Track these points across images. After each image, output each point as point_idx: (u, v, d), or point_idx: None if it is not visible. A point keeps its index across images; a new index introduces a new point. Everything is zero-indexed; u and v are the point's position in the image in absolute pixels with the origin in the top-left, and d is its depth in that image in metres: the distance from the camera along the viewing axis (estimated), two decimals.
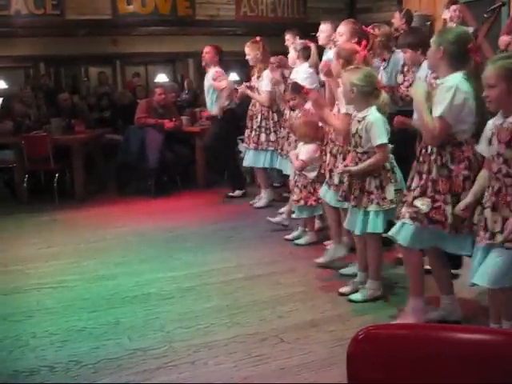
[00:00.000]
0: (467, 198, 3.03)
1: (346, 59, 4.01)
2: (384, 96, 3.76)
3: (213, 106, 7.13)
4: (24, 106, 8.39)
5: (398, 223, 3.31)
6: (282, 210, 5.88)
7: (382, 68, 4.84)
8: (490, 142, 2.89)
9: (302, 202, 5.01)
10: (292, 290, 4.14)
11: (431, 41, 3.26)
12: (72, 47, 12.45)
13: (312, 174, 4.94)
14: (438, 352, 1.36)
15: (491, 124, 2.90)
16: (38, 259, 5.06)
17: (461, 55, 3.13)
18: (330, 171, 4.31)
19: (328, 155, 4.43)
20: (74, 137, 7.42)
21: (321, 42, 5.54)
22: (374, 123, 3.64)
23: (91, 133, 7.84)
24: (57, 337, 3.51)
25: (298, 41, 5.98)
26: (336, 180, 4.10)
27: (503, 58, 2.87)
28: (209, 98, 7.19)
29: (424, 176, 3.19)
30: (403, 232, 3.26)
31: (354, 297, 3.92)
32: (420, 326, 1.80)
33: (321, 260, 4.58)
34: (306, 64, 5.70)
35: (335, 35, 4.79)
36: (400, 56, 4.72)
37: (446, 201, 3.11)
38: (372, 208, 3.70)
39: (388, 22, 6.13)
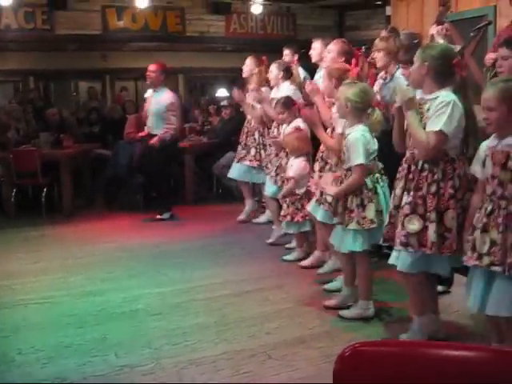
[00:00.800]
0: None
1: (339, 78, 4.04)
2: (377, 113, 3.78)
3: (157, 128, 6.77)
4: (12, 119, 8.37)
5: (394, 252, 3.30)
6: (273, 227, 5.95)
7: (381, 81, 4.76)
8: (483, 164, 2.90)
9: (288, 218, 5.05)
10: (280, 307, 4.13)
11: (415, 57, 3.25)
12: (62, 62, 12.46)
13: (301, 191, 4.97)
14: (425, 369, 1.37)
15: (485, 146, 2.91)
16: (25, 274, 5.03)
17: (446, 71, 3.14)
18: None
19: (317, 172, 4.45)
20: (62, 151, 7.40)
21: (314, 59, 5.61)
22: (353, 143, 3.65)
23: (79, 147, 7.83)
24: (43, 353, 3.48)
25: (282, 60, 6.04)
26: (329, 198, 4.10)
27: (504, 81, 2.88)
28: (154, 120, 6.82)
29: (412, 193, 3.18)
30: (400, 259, 3.25)
31: (343, 313, 3.91)
32: (407, 343, 1.81)
33: (304, 263, 4.71)
34: (288, 82, 5.76)
35: (325, 52, 4.84)
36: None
37: (431, 219, 3.11)
38: (352, 226, 3.70)
39: (375, 39, 6.18)
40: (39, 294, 4.52)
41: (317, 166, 4.50)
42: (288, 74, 5.75)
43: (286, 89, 5.70)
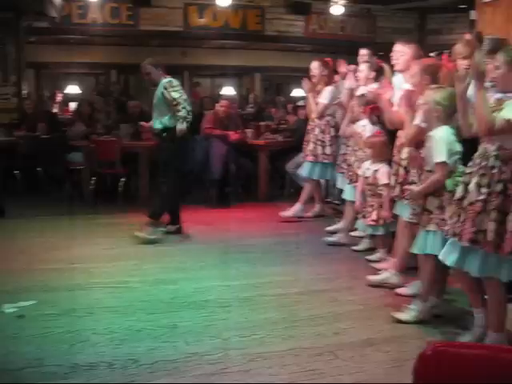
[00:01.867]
0: None
1: (433, 75, 3.95)
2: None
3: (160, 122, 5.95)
4: (94, 111, 8.69)
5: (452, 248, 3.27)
6: (334, 228, 5.95)
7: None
8: None
9: (381, 222, 4.98)
10: (349, 308, 4.11)
11: (500, 61, 3.17)
12: (143, 57, 12.68)
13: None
14: (506, 374, 1.34)
15: None
16: (101, 259, 5.21)
17: None
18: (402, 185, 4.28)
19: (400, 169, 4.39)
20: (141, 143, 7.60)
21: (398, 66, 5.50)
22: (437, 141, 3.58)
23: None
24: (116, 335, 3.60)
25: (374, 60, 5.97)
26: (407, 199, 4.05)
27: None
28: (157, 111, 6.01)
29: (483, 190, 3.13)
30: (468, 260, 3.21)
31: (400, 316, 3.85)
32: (487, 347, 1.77)
33: (372, 279, 4.54)
34: (375, 84, 5.69)
35: (397, 53, 4.76)
36: None
37: (491, 217, 3.06)
38: (431, 228, 3.65)
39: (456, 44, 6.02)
40: (114, 278, 4.67)
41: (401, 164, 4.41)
42: (379, 74, 5.69)
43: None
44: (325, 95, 6.47)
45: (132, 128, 7.83)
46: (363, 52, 6.33)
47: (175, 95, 5.74)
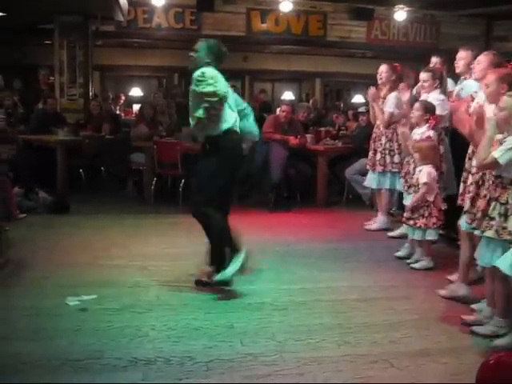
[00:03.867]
0: None
1: (510, 84, 3.82)
2: None
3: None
4: (157, 113, 8.87)
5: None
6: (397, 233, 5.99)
7: None
8: None
9: (411, 222, 5.09)
10: (406, 317, 4.06)
11: None
12: None
13: (430, 198, 5.02)
14: None
15: None
16: (160, 258, 5.33)
17: None
18: (472, 199, 4.08)
19: (469, 184, 4.27)
20: None
21: (459, 69, 5.42)
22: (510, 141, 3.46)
23: None
24: (174, 332, 3.68)
25: (435, 68, 5.88)
26: (467, 205, 3.98)
27: None
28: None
29: None
30: None
31: (476, 329, 3.78)
32: None
33: (442, 293, 4.47)
34: (438, 91, 5.61)
35: (474, 62, 4.66)
36: None
37: None
38: (489, 234, 3.57)
39: None
40: (172, 276, 4.77)
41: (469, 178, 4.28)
42: (439, 81, 5.62)
43: (435, 98, 5.57)
44: (390, 103, 6.36)
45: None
46: (434, 60, 6.24)
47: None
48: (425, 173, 5.01)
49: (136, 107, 11.27)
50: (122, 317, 3.90)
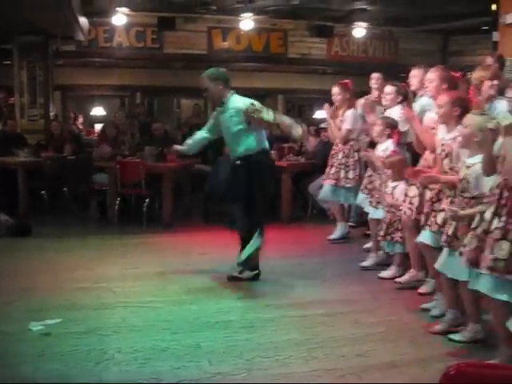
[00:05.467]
0: None
1: (464, 107, 3.95)
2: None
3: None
4: (120, 132, 8.82)
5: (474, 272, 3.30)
6: (366, 246, 6.05)
7: None
8: None
9: (388, 238, 5.15)
10: (372, 330, 4.10)
11: None
12: (167, 79, 12.99)
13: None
14: None
15: None
16: (125, 279, 5.27)
17: None
18: (427, 214, 4.25)
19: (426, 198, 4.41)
20: (165, 165, 7.69)
21: (413, 87, 5.56)
22: (480, 174, 3.54)
23: (182, 162, 8.10)
24: (141, 354, 3.63)
25: (396, 83, 6.00)
26: (439, 220, 4.05)
27: None
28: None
29: (503, 218, 3.16)
30: (485, 283, 3.25)
31: (454, 336, 3.86)
32: (510, 367, 1.77)
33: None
34: (400, 106, 5.73)
35: (426, 81, 4.80)
36: (503, 104, 4.61)
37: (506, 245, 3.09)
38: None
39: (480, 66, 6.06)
40: (138, 298, 4.72)
41: (428, 194, 4.38)
42: (403, 97, 5.75)
43: (397, 113, 5.69)
44: (348, 120, 6.51)
45: (156, 150, 7.93)
46: (375, 76, 6.41)
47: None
48: (403, 191, 5.03)
49: (98, 127, 11.18)
50: (88, 340, 3.84)
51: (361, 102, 6.51)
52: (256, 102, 5.02)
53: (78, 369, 3.42)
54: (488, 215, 3.26)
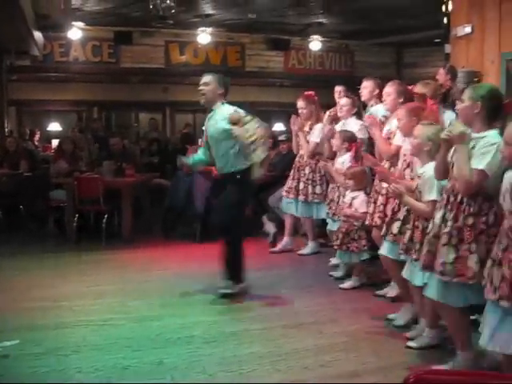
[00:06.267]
0: None
1: (419, 117, 4.08)
2: None
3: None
4: (76, 148, 8.70)
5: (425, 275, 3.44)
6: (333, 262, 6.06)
7: None
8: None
9: (344, 248, 5.24)
10: (335, 340, 4.12)
11: (466, 96, 3.29)
12: (125, 93, 12.94)
13: (359, 222, 5.15)
14: None
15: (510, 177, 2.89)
16: (85, 297, 5.18)
17: (496, 111, 3.21)
18: (388, 224, 4.29)
19: (379, 204, 4.55)
20: (124, 180, 7.63)
21: (364, 97, 5.69)
22: (428, 178, 3.67)
23: (140, 177, 8.04)
24: (102, 373, 3.57)
25: (349, 95, 6.11)
26: (395, 230, 4.12)
27: None
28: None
29: (449, 223, 3.25)
30: (436, 288, 3.36)
31: (411, 343, 3.91)
32: (470, 373, 1.80)
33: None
34: (354, 117, 5.84)
35: (383, 94, 4.91)
36: (449, 114, 4.77)
37: (472, 249, 3.16)
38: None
39: (433, 77, 6.24)
40: (98, 316, 4.64)
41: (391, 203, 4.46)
42: (356, 108, 5.87)
43: (354, 123, 5.77)
44: (315, 133, 6.45)
45: (114, 165, 7.86)
46: (338, 89, 6.50)
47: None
48: (362, 201, 5.14)
49: (55, 142, 11.02)
50: (47, 361, 3.75)
51: (327, 114, 6.54)
52: (241, 111, 5.00)
53: None
54: (437, 220, 3.35)
